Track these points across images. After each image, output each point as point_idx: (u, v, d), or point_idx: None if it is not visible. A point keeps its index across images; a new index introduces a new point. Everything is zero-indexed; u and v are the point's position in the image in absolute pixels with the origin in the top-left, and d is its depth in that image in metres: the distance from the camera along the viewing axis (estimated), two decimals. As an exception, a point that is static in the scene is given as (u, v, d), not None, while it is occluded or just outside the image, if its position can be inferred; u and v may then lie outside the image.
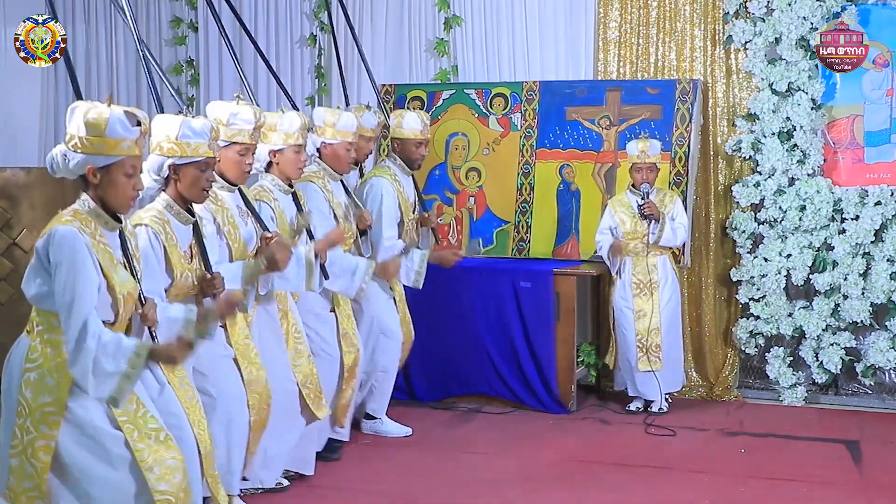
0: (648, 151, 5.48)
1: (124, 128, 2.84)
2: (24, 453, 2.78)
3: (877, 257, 5.66)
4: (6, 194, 5.93)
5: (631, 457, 4.90)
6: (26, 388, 2.80)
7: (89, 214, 2.87)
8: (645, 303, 5.55)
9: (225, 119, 3.82)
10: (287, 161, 4.28)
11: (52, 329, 2.84)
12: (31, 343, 2.88)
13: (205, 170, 3.43)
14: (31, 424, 2.78)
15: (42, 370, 2.81)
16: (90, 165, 2.83)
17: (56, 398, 2.78)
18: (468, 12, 6.59)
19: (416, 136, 5.18)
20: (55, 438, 2.78)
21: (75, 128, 2.85)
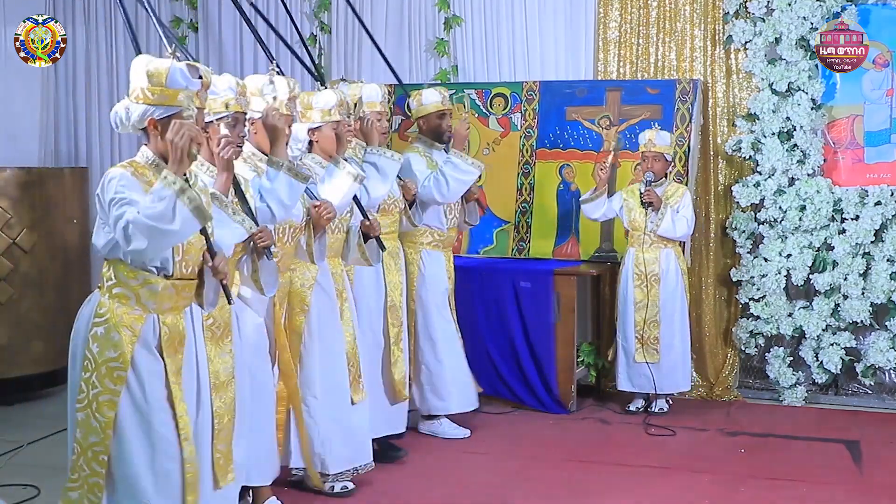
0: (655, 140, 5.48)
1: (185, 78, 2.82)
2: (90, 407, 2.84)
3: (877, 257, 5.66)
4: (6, 194, 5.94)
5: (631, 457, 4.90)
6: (93, 342, 2.85)
7: (147, 165, 2.87)
8: (644, 294, 5.54)
9: (259, 91, 3.79)
10: (325, 138, 4.25)
11: (121, 283, 2.86)
12: (101, 298, 2.89)
13: (234, 125, 3.41)
14: (97, 379, 2.83)
15: (109, 324, 2.85)
16: (150, 116, 2.82)
17: (120, 353, 2.83)
18: (468, 12, 6.59)
19: (437, 108, 5.13)
20: (119, 393, 2.83)
21: (137, 79, 2.82)
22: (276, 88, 3.82)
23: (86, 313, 2.92)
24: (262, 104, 3.77)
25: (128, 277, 2.85)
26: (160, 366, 2.91)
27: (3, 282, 5.93)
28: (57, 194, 6.25)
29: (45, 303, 6.11)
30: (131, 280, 2.85)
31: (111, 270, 2.88)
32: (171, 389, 2.92)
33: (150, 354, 2.89)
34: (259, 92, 3.78)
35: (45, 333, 6.09)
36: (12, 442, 5.10)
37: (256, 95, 3.76)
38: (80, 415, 2.87)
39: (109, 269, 2.89)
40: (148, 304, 2.89)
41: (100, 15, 7.35)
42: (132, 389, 2.86)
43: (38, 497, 4.32)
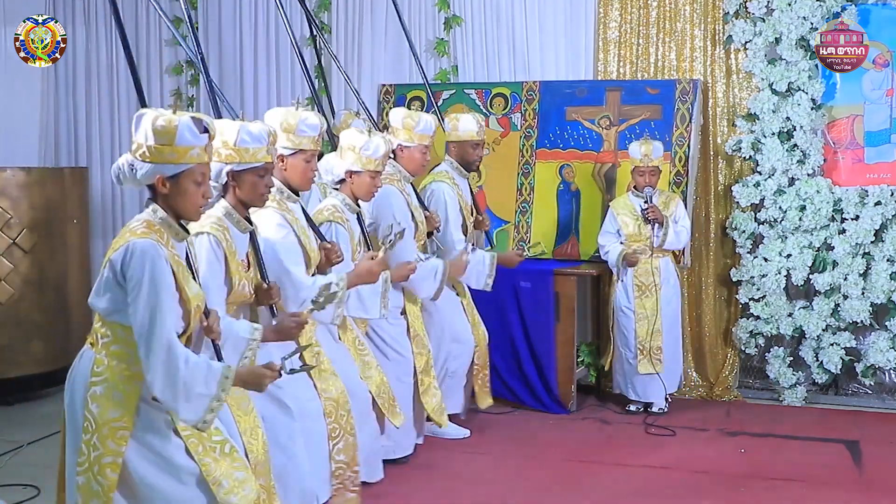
0: (652, 155, 5.47)
1: (193, 135, 2.74)
2: (91, 471, 2.70)
3: (877, 257, 5.66)
4: (6, 194, 5.94)
5: (631, 457, 4.90)
6: (92, 402, 2.71)
7: (161, 225, 2.78)
8: (647, 305, 5.54)
9: (293, 126, 3.75)
10: (362, 185, 4.25)
11: (120, 341, 2.75)
12: (97, 356, 2.76)
13: (263, 175, 3.33)
14: (98, 440, 2.70)
15: (109, 384, 2.73)
16: (159, 175, 2.74)
17: (124, 413, 2.71)
18: (468, 12, 6.59)
19: (472, 138, 5.11)
20: (122, 455, 2.70)
21: (143, 136, 2.73)
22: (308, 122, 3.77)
23: (81, 372, 2.79)
24: (295, 140, 3.75)
25: (126, 335, 2.72)
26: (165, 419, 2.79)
27: (3, 282, 5.93)
28: (57, 194, 6.24)
29: (45, 303, 6.11)
30: (130, 337, 2.71)
31: (107, 329, 2.76)
32: (185, 439, 2.80)
33: (154, 409, 2.77)
34: (286, 128, 3.73)
35: (45, 333, 6.09)
36: (12, 442, 5.11)
37: (287, 132, 3.72)
38: (80, 479, 2.72)
39: (105, 327, 2.77)
40: None
41: (100, 15, 7.35)
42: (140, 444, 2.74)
43: (38, 497, 4.32)
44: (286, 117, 3.76)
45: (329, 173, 4.28)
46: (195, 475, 2.76)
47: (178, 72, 7.19)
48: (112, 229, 7.39)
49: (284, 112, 3.81)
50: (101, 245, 7.34)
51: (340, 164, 4.25)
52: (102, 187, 7.35)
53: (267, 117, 3.80)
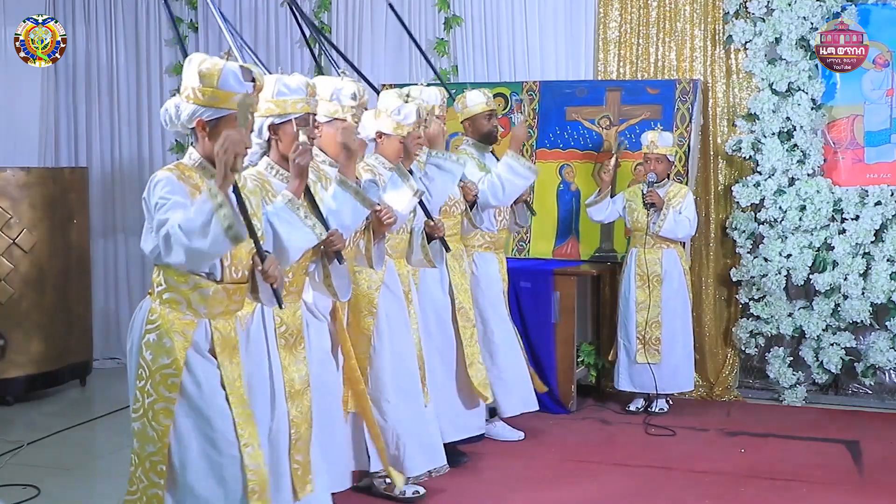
0: (658, 142, 5.49)
1: (237, 81, 2.74)
2: (146, 416, 2.74)
3: (877, 257, 5.66)
4: (6, 194, 5.94)
5: (631, 457, 4.90)
6: (146, 349, 2.75)
7: (195, 167, 2.79)
8: (646, 295, 5.54)
9: (328, 95, 3.69)
10: (390, 147, 4.14)
11: (171, 288, 2.77)
12: (152, 304, 2.79)
13: (303, 126, 3.28)
14: (152, 387, 2.73)
15: (161, 331, 2.75)
16: (199, 117, 2.75)
17: (173, 360, 2.74)
18: (468, 12, 6.59)
19: (483, 109, 5.04)
20: (174, 401, 2.74)
21: (189, 78, 2.75)
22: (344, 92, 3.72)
23: (138, 320, 2.82)
24: (331, 109, 3.69)
25: (178, 282, 2.76)
26: (215, 370, 2.82)
27: (3, 282, 5.93)
28: (57, 194, 6.24)
29: (45, 303, 6.11)
30: (182, 284, 2.76)
31: (161, 275, 2.79)
32: (227, 394, 2.82)
33: (204, 359, 2.80)
34: (323, 96, 3.66)
35: (45, 333, 6.09)
36: (12, 442, 5.11)
37: (325, 99, 3.67)
38: (136, 424, 2.77)
39: (159, 274, 2.80)
40: (199, 309, 2.79)
41: (100, 15, 7.35)
42: (188, 394, 2.76)
43: (38, 497, 4.32)
44: (323, 85, 3.70)
45: (364, 128, 4.17)
46: (228, 434, 2.77)
47: (178, 72, 7.18)
48: (112, 229, 7.39)
49: (326, 80, 3.76)
50: (102, 245, 7.34)
51: (372, 124, 4.17)
52: (102, 187, 7.35)
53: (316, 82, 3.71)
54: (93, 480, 4.74)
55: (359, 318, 3.99)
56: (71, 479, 4.65)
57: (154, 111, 7.26)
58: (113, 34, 7.32)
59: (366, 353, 4.02)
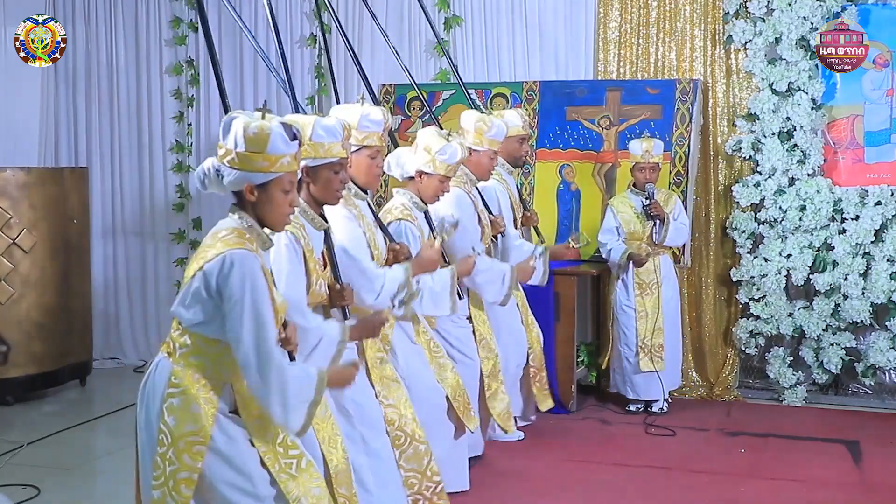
0: (652, 151, 5.49)
1: (285, 142, 2.64)
2: (167, 485, 2.60)
3: (877, 257, 5.66)
4: (6, 194, 5.94)
5: (631, 457, 4.90)
6: (169, 415, 2.61)
7: (249, 232, 2.67)
8: (647, 303, 5.55)
9: (355, 122, 3.64)
10: (430, 187, 4.15)
11: (200, 352, 2.65)
12: (174, 367, 2.65)
13: (339, 171, 3.24)
14: (174, 454, 2.60)
15: (186, 396, 2.62)
16: (248, 182, 2.64)
17: (201, 427, 2.60)
18: (468, 12, 6.59)
19: (518, 133, 5.04)
20: (199, 470, 2.61)
21: (232, 142, 2.63)
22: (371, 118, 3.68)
23: (158, 383, 2.66)
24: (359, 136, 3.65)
25: (208, 346, 2.64)
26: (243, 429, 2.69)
27: (3, 282, 5.93)
28: (57, 194, 6.24)
29: (45, 303, 6.11)
30: (212, 348, 2.64)
31: (187, 337, 2.66)
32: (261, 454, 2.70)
33: (232, 420, 2.68)
34: (355, 125, 3.62)
35: (45, 333, 6.09)
36: (12, 442, 5.11)
37: (353, 128, 3.60)
38: (156, 493, 2.62)
39: (185, 337, 2.66)
40: (223, 372, 2.67)
41: (100, 15, 7.35)
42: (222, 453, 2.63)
43: (38, 497, 4.32)
44: (348, 113, 3.65)
45: (399, 167, 4.18)
46: (272, 495, 2.67)
47: (178, 72, 7.19)
48: (112, 229, 7.39)
49: (346, 108, 3.74)
50: (101, 245, 7.34)
51: (412, 162, 4.14)
52: (102, 187, 7.35)
53: (333, 113, 3.68)
54: (93, 480, 4.74)
55: (381, 366, 3.76)
56: (71, 479, 4.65)
57: (154, 111, 7.26)
58: (113, 34, 7.32)
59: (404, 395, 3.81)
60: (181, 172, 7.22)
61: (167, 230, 7.29)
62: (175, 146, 7.20)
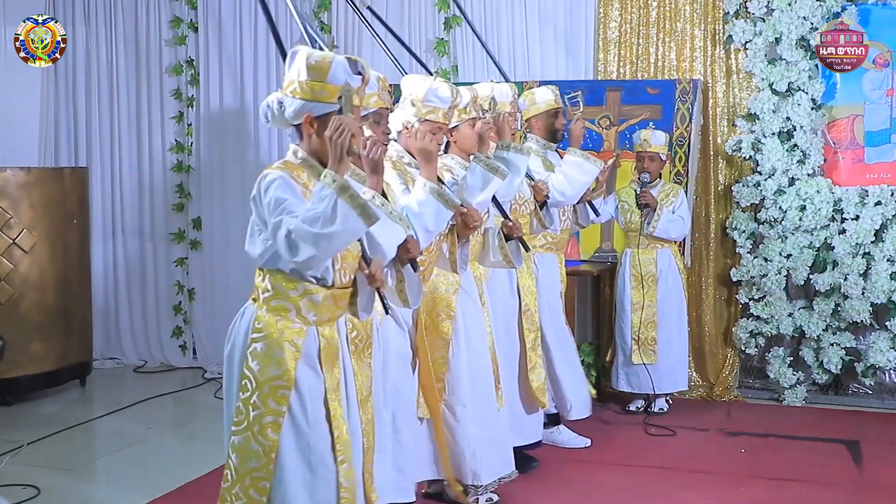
0: (651, 140, 5.49)
1: (347, 74, 2.60)
2: (251, 430, 2.59)
3: (877, 257, 5.66)
4: (6, 194, 5.94)
5: (631, 457, 4.90)
6: (252, 359, 2.61)
7: (302, 165, 2.66)
8: (642, 295, 5.55)
9: (421, 95, 3.57)
10: (464, 136, 4.01)
11: (280, 294, 2.63)
12: (258, 312, 2.65)
13: (379, 122, 3.17)
14: (259, 399, 2.59)
15: (270, 340, 2.61)
16: (308, 113, 2.62)
17: (285, 371, 2.60)
18: (468, 12, 6.57)
19: (552, 107, 4.97)
20: (283, 414, 2.60)
21: (296, 72, 2.61)
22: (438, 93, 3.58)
23: (241, 328, 2.67)
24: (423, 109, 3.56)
25: (287, 288, 2.62)
26: (321, 382, 2.68)
27: (3, 282, 5.93)
28: (57, 194, 6.24)
29: (45, 303, 6.11)
30: (291, 291, 2.62)
31: (267, 281, 2.65)
32: (329, 407, 2.69)
33: (312, 370, 2.67)
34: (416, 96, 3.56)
35: (45, 333, 6.09)
36: (12, 442, 5.11)
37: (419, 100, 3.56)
38: (236, 438, 2.61)
39: (265, 280, 2.65)
40: (308, 316, 2.65)
41: (100, 15, 7.35)
42: (293, 410, 2.63)
43: (38, 497, 4.32)
44: (417, 84, 3.60)
45: None
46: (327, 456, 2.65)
47: (178, 72, 7.19)
48: (112, 229, 7.39)
49: (417, 79, 3.67)
50: (101, 245, 7.34)
51: None
52: (102, 187, 7.35)
53: (403, 83, 3.67)
54: (93, 480, 4.74)
55: (437, 322, 3.81)
56: (71, 479, 4.64)
57: (154, 111, 7.26)
58: (113, 34, 7.32)
59: (444, 357, 3.85)
60: (181, 172, 7.22)
61: (167, 230, 7.28)
62: (175, 146, 7.20)
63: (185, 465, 4.73)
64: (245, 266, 7.02)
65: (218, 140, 7.09)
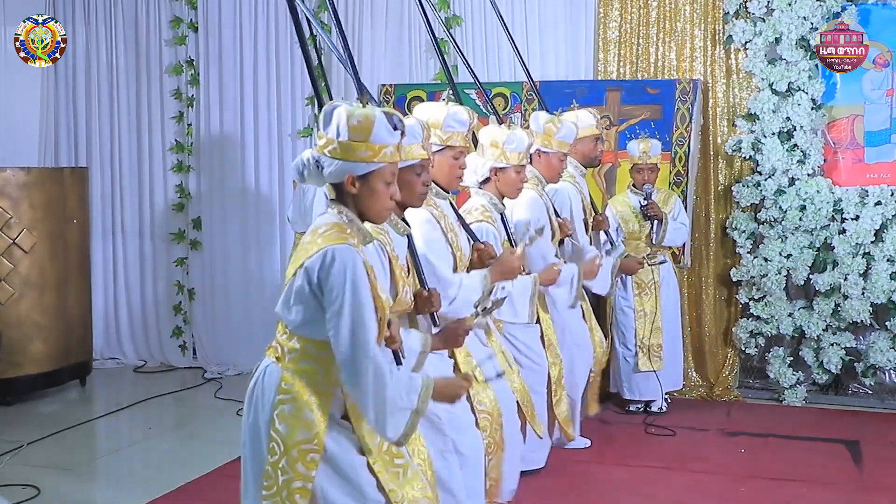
0: (650, 152, 5.50)
1: (388, 131, 2.55)
2: (279, 496, 2.51)
3: (877, 257, 5.66)
4: (6, 194, 5.94)
5: (631, 457, 4.90)
6: (280, 422, 2.52)
7: (350, 227, 2.57)
8: (646, 303, 5.55)
9: (440, 121, 3.57)
10: (508, 181, 4.06)
11: (309, 357, 2.55)
12: (283, 373, 2.56)
13: (420, 173, 3.11)
14: (288, 464, 2.51)
15: (298, 403, 2.52)
16: (350, 173, 2.55)
17: (315, 434, 2.51)
18: (468, 12, 6.58)
19: (592, 133, 4.96)
20: (313, 480, 2.51)
21: (335, 131, 2.53)
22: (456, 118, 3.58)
23: (268, 388, 2.57)
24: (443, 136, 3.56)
25: (317, 350, 2.54)
26: (353, 436, 2.60)
27: (3, 282, 5.93)
28: (57, 194, 6.24)
29: (45, 303, 6.11)
30: (322, 353, 2.53)
31: (295, 342, 2.57)
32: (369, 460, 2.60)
33: (342, 427, 2.59)
34: (434, 123, 3.51)
35: (45, 333, 6.09)
36: (12, 442, 5.11)
37: (435, 127, 3.54)
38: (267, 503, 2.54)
39: (293, 341, 2.57)
40: (335, 377, 2.56)
41: (100, 15, 7.35)
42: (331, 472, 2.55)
43: (38, 497, 4.32)
44: (433, 112, 3.59)
45: (472, 173, 4.07)
46: (382, 501, 2.58)
47: (177, 72, 7.18)
48: (112, 229, 7.39)
49: (431, 107, 3.66)
50: (101, 245, 7.34)
51: (483, 163, 4.06)
52: (102, 187, 7.35)
53: (416, 112, 3.65)
54: (93, 480, 4.74)
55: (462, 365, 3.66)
56: (71, 479, 4.65)
57: (154, 111, 7.26)
58: (113, 34, 7.32)
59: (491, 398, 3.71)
60: (181, 172, 7.21)
61: (167, 230, 7.28)
62: (175, 146, 7.20)
63: (185, 465, 4.74)
64: (245, 266, 7.03)
65: (218, 140, 7.09)
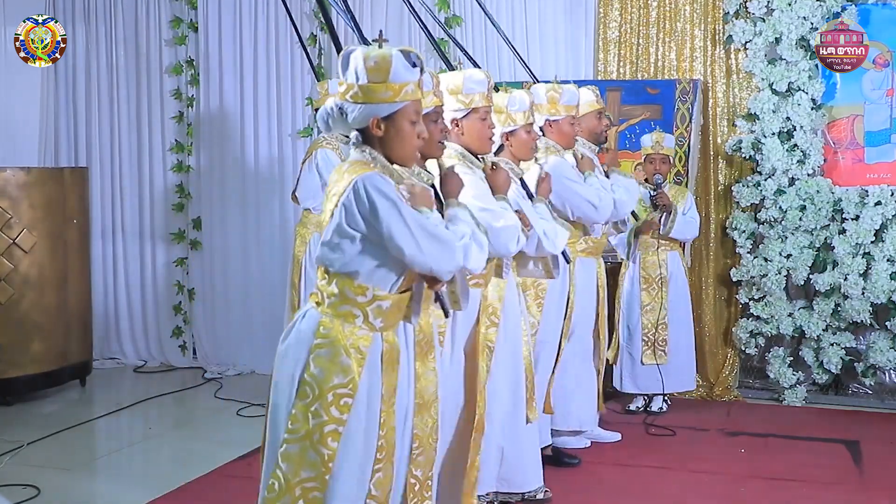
0: (663, 143, 5.53)
1: (407, 69, 2.54)
2: (309, 439, 2.50)
3: (877, 257, 5.66)
4: (6, 194, 5.94)
5: (631, 457, 4.90)
6: (315, 365, 2.52)
7: (374, 164, 2.57)
8: (653, 297, 5.55)
9: (460, 86, 3.52)
10: (520, 142, 3.99)
11: (348, 300, 2.55)
12: (322, 317, 2.56)
13: (436, 119, 3.09)
14: (321, 407, 2.50)
15: (336, 347, 2.52)
16: (374, 116, 2.54)
17: (350, 379, 2.52)
18: (468, 12, 6.58)
19: (594, 108, 4.91)
20: (345, 423, 2.51)
21: (353, 75, 2.53)
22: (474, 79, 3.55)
23: (305, 332, 2.57)
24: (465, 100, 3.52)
25: (356, 294, 2.54)
26: (380, 387, 2.61)
27: (3, 282, 5.93)
28: (57, 194, 6.24)
29: (45, 303, 6.10)
30: (360, 297, 2.54)
31: (335, 285, 2.55)
32: (381, 414, 2.61)
33: (375, 376, 2.60)
34: (453, 90, 3.49)
35: (45, 333, 6.09)
36: (12, 442, 5.10)
37: (455, 93, 3.51)
38: (292, 447, 2.51)
39: (332, 285, 2.56)
40: (375, 323, 2.58)
41: (100, 15, 7.34)
42: (355, 419, 2.55)
43: (38, 497, 4.32)
44: (450, 80, 3.53)
45: None
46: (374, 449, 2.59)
47: (177, 72, 7.18)
48: (112, 229, 7.39)
49: (447, 76, 3.61)
50: (101, 245, 7.34)
51: None
52: (102, 187, 7.34)
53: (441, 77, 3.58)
54: (93, 480, 4.74)
55: (482, 328, 3.66)
56: (71, 479, 4.64)
57: (154, 111, 7.26)
58: (113, 34, 7.32)
59: (487, 366, 3.69)
60: (181, 172, 7.21)
61: (167, 230, 7.28)
62: (175, 146, 7.20)
63: (185, 465, 4.74)
64: (245, 266, 7.03)
65: (218, 140, 7.09)
